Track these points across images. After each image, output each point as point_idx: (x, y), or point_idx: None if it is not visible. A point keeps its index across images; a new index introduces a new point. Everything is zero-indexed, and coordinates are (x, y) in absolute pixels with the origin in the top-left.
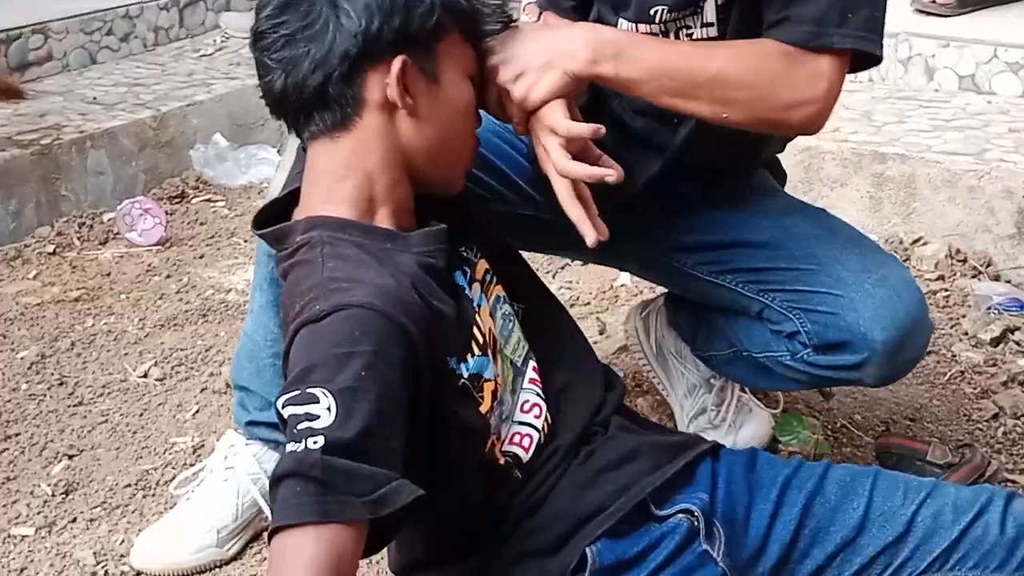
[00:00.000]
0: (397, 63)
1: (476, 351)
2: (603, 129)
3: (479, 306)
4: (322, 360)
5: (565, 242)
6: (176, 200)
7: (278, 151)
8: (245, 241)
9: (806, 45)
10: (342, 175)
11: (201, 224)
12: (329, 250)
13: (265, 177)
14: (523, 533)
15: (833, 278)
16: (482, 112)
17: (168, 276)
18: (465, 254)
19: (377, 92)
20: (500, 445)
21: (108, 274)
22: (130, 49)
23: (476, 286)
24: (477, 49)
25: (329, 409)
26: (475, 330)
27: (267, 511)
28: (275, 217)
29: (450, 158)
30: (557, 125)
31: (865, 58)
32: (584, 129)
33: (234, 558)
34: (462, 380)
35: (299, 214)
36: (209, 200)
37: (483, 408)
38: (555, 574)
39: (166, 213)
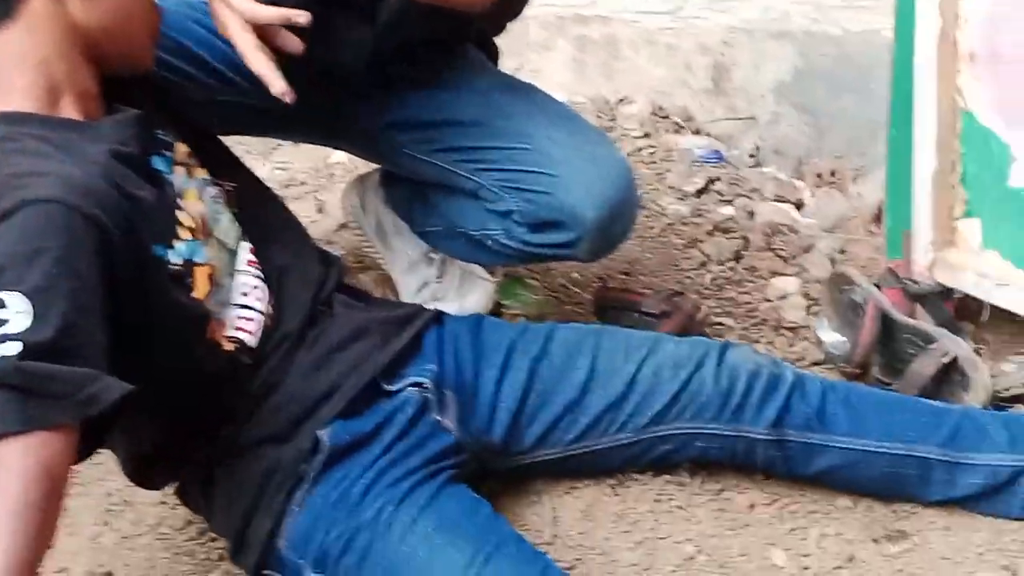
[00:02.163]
0: None
1: (185, 236)
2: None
3: (184, 190)
4: (8, 261)
5: (274, 124)
6: None
7: None
8: None
9: None
10: (15, 65)
11: None
12: (9, 146)
13: None
14: (256, 421)
15: (545, 157)
16: None
17: None
18: (163, 137)
19: None
20: (224, 330)
21: None
22: None
23: (180, 169)
24: None
25: (21, 312)
26: (181, 214)
27: None
28: None
29: (129, 33)
30: None
31: None
32: None
33: None
34: (172, 267)
35: None
36: None
37: (197, 294)
38: (289, 459)
39: None
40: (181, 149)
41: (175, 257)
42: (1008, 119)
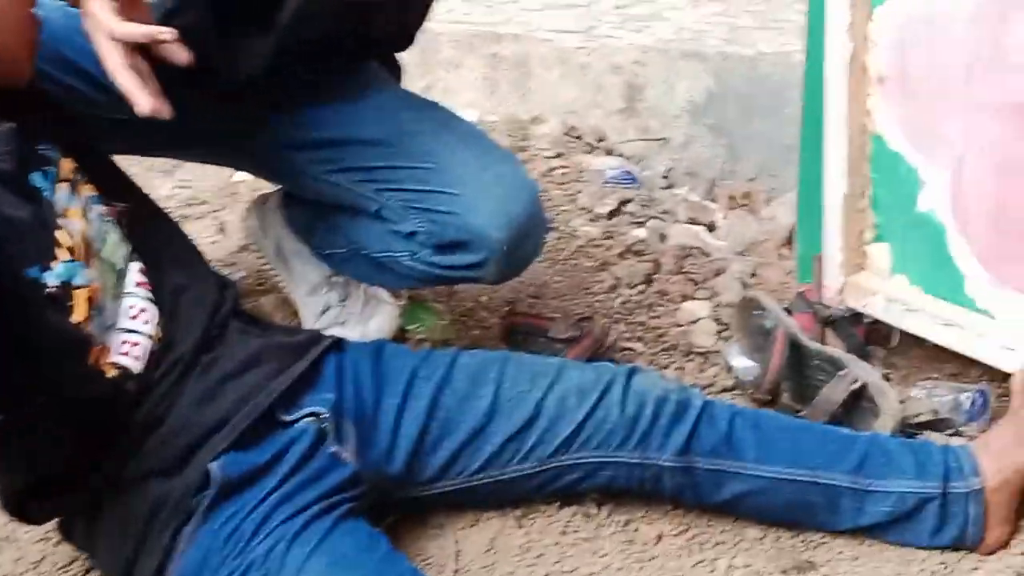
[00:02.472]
0: None
1: (63, 256)
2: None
3: (66, 208)
4: None
5: (168, 143)
6: None
7: None
8: None
9: None
10: None
11: None
12: None
13: None
14: (144, 452)
15: (450, 176)
16: (59, 3)
17: None
18: (45, 153)
19: None
20: (108, 356)
21: None
22: None
23: (63, 186)
24: None
25: None
26: (60, 234)
27: None
28: None
29: (6, 44)
30: None
31: None
32: None
33: None
34: (47, 289)
35: None
36: None
37: (76, 317)
38: (178, 493)
39: None
40: (66, 165)
41: (52, 279)
42: (917, 143)
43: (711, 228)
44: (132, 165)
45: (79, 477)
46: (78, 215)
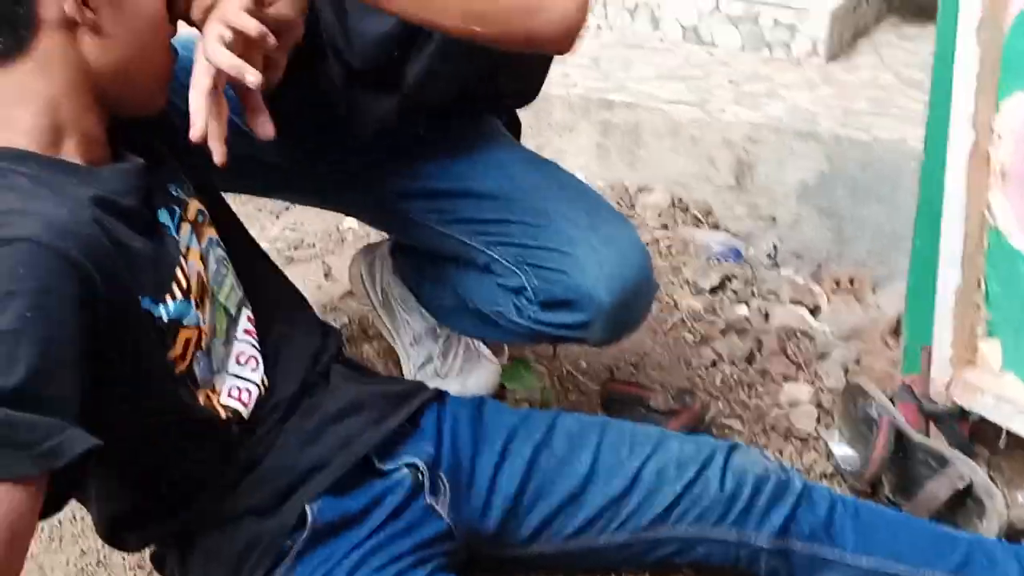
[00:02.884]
0: None
1: (178, 295)
2: (273, 40)
3: (187, 248)
4: None
5: (283, 184)
6: None
7: None
8: None
9: None
10: (20, 102)
11: None
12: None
13: None
14: (241, 490)
15: (561, 235)
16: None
17: None
18: (175, 192)
19: (53, 8)
20: (217, 397)
21: None
22: None
23: (186, 227)
24: None
25: None
26: (179, 272)
27: None
28: None
29: (143, 75)
30: (228, 11)
31: None
32: (249, 24)
33: None
34: (158, 323)
35: None
36: None
37: (173, 354)
38: (272, 533)
39: None
40: (192, 206)
41: (163, 313)
42: None
43: (815, 311)
44: (243, 204)
45: (175, 510)
46: (197, 256)
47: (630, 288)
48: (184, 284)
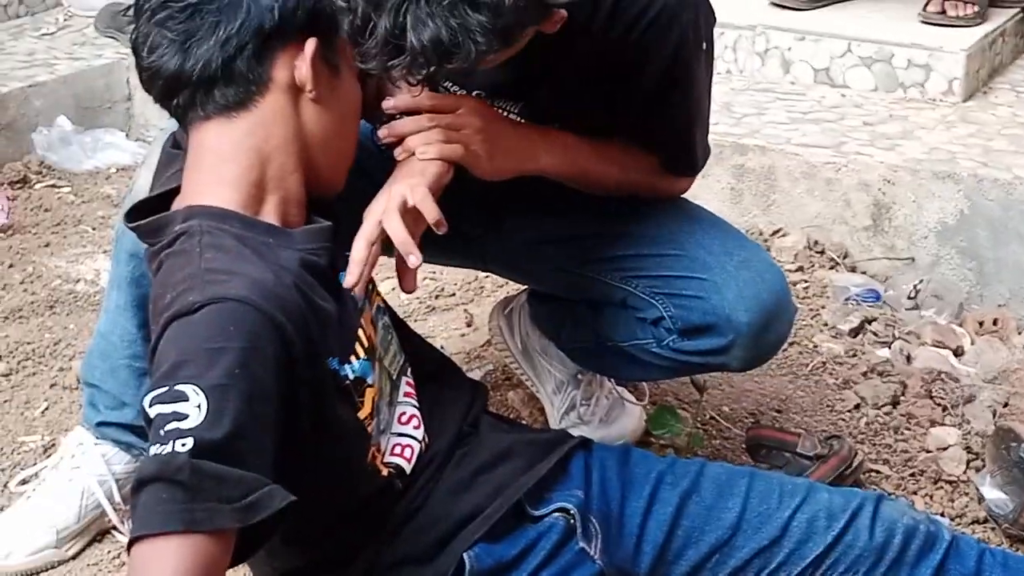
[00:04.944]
0: (311, 44)
1: (361, 354)
2: (445, 226)
3: (362, 310)
4: (193, 355)
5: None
6: (18, 185)
7: (125, 135)
8: (93, 229)
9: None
10: (233, 155)
11: (45, 211)
12: (208, 240)
13: (112, 162)
14: (400, 540)
15: (696, 262)
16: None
17: (11, 265)
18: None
19: (285, 73)
20: (381, 456)
21: None
22: None
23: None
24: None
25: (199, 407)
26: (360, 332)
27: (111, 514)
28: (146, 215)
29: (340, 154)
30: (416, 188)
31: None
32: (432, 213)
33: (72, 559)
34: (346, 382)
35: (179, 202)
36: (53, 186)
37: (362, 414)
38: None
39: (8, 199)
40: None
41: (349, 372)
42: None
43: (958, 353)
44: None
45: (339, 564)
46: (368, 320)
47: (769, 308)
48: (365, 344)
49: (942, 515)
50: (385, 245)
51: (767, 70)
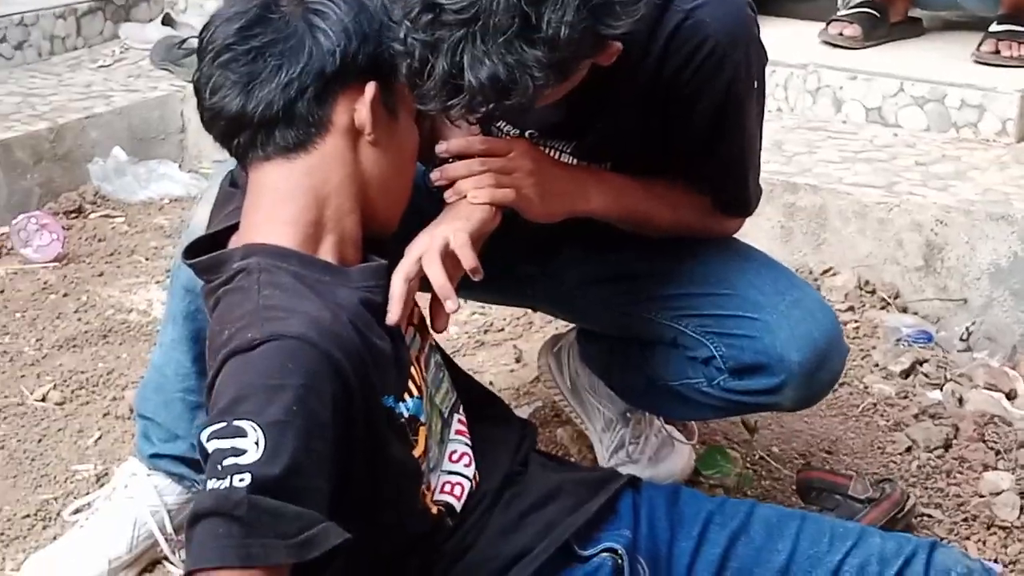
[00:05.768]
0: (371, 88)
1: (415, 392)
2: (481, 274)
3: (415, 350)
4: (252, 391)
5: (471, 286)
6: (73, 215)
7: (179, 166)
8: (147, 259)
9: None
10: (291, 195)
11: (100, 241)
12: (266, 278)
13: (166, 193)
14: None
15: (747, 301)
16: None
17: (66, 294)
18: None
19: (345, 116)
20: (432, 495)
21: (2, 291)
22: (24, 58)
23: (411, 330)
24: None
25: (257, 444)
26: (413, 371)
27: (163, 545)
28: (203, 252)
29: (396, 197)
30: (458, 234)
31: None
32: (470, 261)
33: None
34: (401, 419)
35: (237, 240)
36: (108, 216)
37: (416, 452)
38: None
39: (63, 228)
40: (416, 312)
41: (405, 411)
42: None
43: (1011, 396)
44: None
45: None
46: (421, 358)
47: (821, 348)
48: (418, 382)
49: (995, 561)
50: (423, 281)
51: (819, 108)
